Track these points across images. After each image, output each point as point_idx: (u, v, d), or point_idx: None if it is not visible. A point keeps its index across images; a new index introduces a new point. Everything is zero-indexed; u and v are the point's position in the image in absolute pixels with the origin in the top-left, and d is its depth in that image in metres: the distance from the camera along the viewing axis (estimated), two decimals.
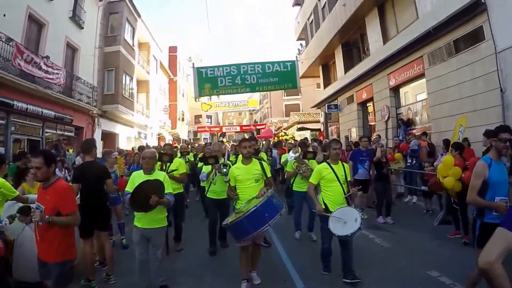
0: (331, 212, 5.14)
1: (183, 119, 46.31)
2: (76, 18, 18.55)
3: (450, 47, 11.67)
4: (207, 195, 7.09)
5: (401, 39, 14.36)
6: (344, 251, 5.23)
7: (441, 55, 12.16)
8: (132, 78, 25.42)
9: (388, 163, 9.86)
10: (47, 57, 15.11)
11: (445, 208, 8.14)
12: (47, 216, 3.56)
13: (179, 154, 10.45)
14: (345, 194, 5.33)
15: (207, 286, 5.44)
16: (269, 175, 5.43)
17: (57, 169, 7.78)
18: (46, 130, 16.48)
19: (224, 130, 40.98)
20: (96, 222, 5.44)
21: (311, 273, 5.60)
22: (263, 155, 8.33)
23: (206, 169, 7.05)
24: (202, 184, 7.62)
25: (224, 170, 6.22)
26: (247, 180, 5.21)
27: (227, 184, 5.70)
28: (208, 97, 13.78)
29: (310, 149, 8.75)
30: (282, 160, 9.59)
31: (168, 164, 7.16)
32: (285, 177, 8.66)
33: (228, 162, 6.70)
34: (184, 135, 46.09)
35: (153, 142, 30.02)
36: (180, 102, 43.96)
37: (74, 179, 5.54)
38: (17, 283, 4.61)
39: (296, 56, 14.08)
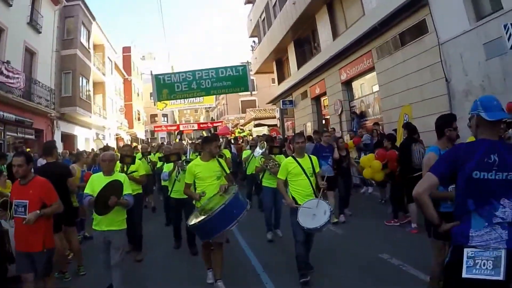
0: (300, 205, 5.03)
1: (139, 119, 46.13)
2: (33, 23, 18.59)
3: (396, 40, 12.43)
4: (171, 195, 7.00)
5: (350, 35, 15.04)
6: (306, 245, 5.17)
7: (388, 49, 12.90)
8: (88, 80, 25.43)
9: (348, 155, 9.65)
10: (8, 62, 15.28)
11: (390, 197, 8.67)
12: (38, 211, 4.04)
13: (140, 155, 10.23)
14: (312, 186, 5.24)
15: (175, 283, 5.49)
16: (228, 171, 5.44)
17: None
18: (7, 133, 16.58)
19: (181, 128, 41.30)
20: (63, 219, 5.49)
21: (280, 271, 5.55)
22: (225, 151, 8.24)
23: (167, 167, 6.93)
24: (163, 183, 7.70)
25: (186, 166, 6.03)
26: (208, 178, 5.12)
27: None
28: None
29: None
30: (244, 156, 9.73)
31: (128, 165, 6.83)
32: (255, 171, 8.49)
33: (190, 159, 6.78)
34: (141, 135, 46.03)
35: (111, 142, 30.16)
36: (135, 102, 43.84)
37: None
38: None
39: (248, 61, 14.88)
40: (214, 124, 41.88)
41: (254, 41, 31.35)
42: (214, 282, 5.04)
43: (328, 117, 19.69)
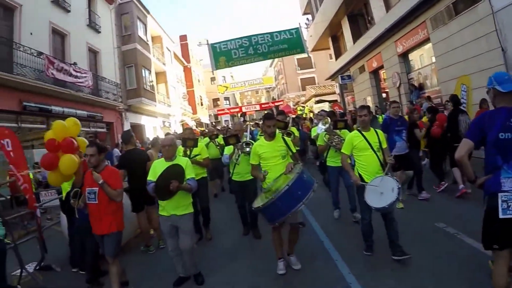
0: (366, 182, 4.74)
1: (202, 104, 47.36)
2: (92, 24, 19.90)
3: (450, 10, 12.01)
4: (232, 178, 6.61)
5: (403, 6, 14.61)
6: (387, 225, 4.80)
7: (442, 19, 12.49)
8: (150, 71, 26.62)
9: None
10: (75, 64, 16.46)
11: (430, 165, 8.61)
12: (101, 181, 4.41)
13: (207, 139, 9.96)
14: (380, 162, 4.88)
15: (242, 271, 5.23)
16: (294, 150, 5.15)
17: None
18: (81, 129, 18.00)
19: (243, 110, 41.86)
20: (146, 199, 6.26)
21: (353, 254, 5.16)
22: (293, 129, 7.63)
23: (228, 150, 6.49)
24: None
25: (247, 149, 5.89)
26: (273, 158, 4.89)
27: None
28: (225, 68, 14.40)
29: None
30: (313, 134, 8.64)
31: (191, 149, 6.66)
32: (318, 151, 7.87)
33: (250, 140, 6.28)
34: (205, 119, 47.30)
35: (177, 129, 31.52)
36: (197, 88, 44.98)
37: (119, 167, 6.25)
38: None
39: (299, 23, 14.65)
40: (276, 104, 41.82)
41: (307, 19, 30.96)
42: (287, 261, 4.93)
43: (387, 90, 19.33)
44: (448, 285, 4.02)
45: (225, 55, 13.34)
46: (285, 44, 13.60)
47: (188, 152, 6.55)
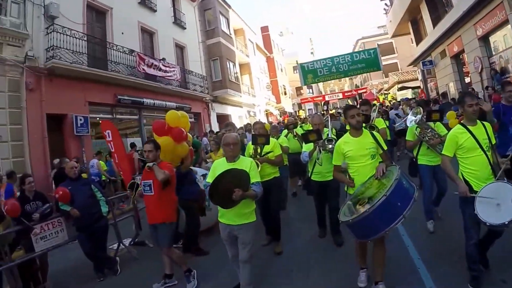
0: (476, 192, 3.65)
1: (285, 93, 47.56)
2: (177, 21, 21.12)
3: None
4: (312, 178, 5.87)
5: None
6: (488, 242, 3.96)
7: None
8: (234, 63, 27.49)
9: None
10: (163, 59, 17.58)
11: None
12: (152, 164, 4.76)
13: (285, 131, 9.22)
14: (491, 165, 3.81)
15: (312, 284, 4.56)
16: (385, 147, 4.25)
17: None
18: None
19: (326, 98, 41.15)
20: None
21: (443, 269, 4.24)
22: (378, 122, 6.61)
23: (307, 147, 5.77)
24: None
25: (330, 146, 5.16)
26: (361, 157, 4.07)
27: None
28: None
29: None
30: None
31: (262, 146, 5.83)
32: (407, 147, 6.37)
33: (333, 136, 5.43)
34: (289, 108, 47.47)
35: (262, 118, 31.97)
36: (280, 77, 45.19)
37: None
38: None
39: (377, 44, 15.85)
40: (359, 91, 40.47)
41: (386, 4, 29.82)
42: (373, 285, 3.97)
43: (469, 75, 18.58)
44: None
45: (312, 73, 15.38)
46: (363, 63, 15.36)
47: (258, 150, 5.80)
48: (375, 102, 25.52)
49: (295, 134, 8.76)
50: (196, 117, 22.24)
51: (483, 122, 4.00)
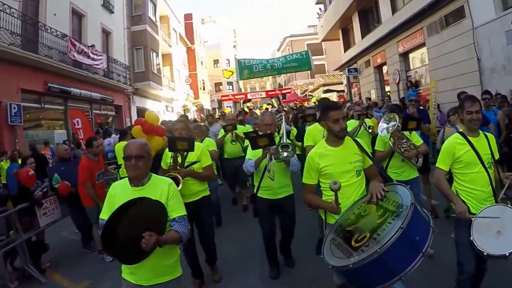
0: (474, 215, 3.49)
1: (204, 88, 48.17)
2: (106, 4, 21.95)
3: (442, 21, 15.10)
4: (258, 195, 5.00)
5: (406, 12, 17.61)
6: (481, 273, 3.74)
7: (436, 28, 15.62)
8: (158, 54, 28.54)
9: None
10: (93, 46, 18.51)
11: None
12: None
13: (223, 131, 8.47)
14: (492, 184, 3.63)
15: None
16: (371, 159, 3.77)
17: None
18: (94, 112, 20.01)
19: (249, 96, 43.29)
20: None
21: None
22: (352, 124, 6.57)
23: (253, 155, 4.88)
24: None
25: (285, 154, 4.52)
26: (343, 174, 3.52)
27: (288, 174, 4.76)
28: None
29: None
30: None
31: (184, 154, 4.95)
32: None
33: (288, 141, 4.77)
34: (207, 105, 48.66)
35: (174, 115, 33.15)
36: (199, 71, 45.77)
37: None
38: None
39: (308, 48, 19.23)
40: (283, 91, 42.95)
41: (320, 9, 33.35)
42: None
43: (388, 85, 22.94)
44: None
45: (248, 69, 17.67)
46: (296, 63, 17.90)
47: (179, 160, 4.90)
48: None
49: (234, 137, 8.14)
50: (117, 110, 23.24)
51: (486, 133, 3.83)
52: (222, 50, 59.10)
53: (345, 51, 29.93)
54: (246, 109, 25.46)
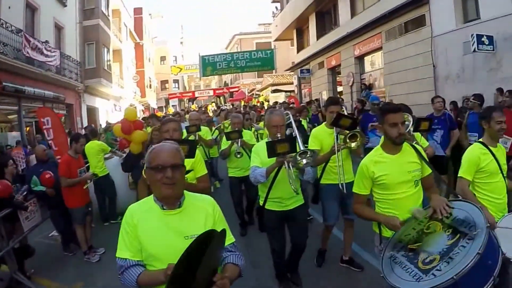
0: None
1: (150, 86, 47.62)
2: None
3: (401, 28, 16.08)
4: (266, 207, 4.57)
5: (366, 16, 18.52)
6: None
7: (394, 33, 16.59)
8: (109, 50, 28.05)
9: None
10: (47, 42, 17.85)
11: None
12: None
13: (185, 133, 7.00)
14: (507, 192, 3.81)
15: None
16: (429, 167, 3.45)
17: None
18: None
19: (196, 94, 43.24)
20: None
21: None
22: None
23: (261, 162, 4.43)
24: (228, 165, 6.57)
25: (304, 161, 4.15)
26: (401, 185, 3.30)
27: (298, 182, 4.47)
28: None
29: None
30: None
31: None
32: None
33: (307, 147, 4.66)
34: (154, 104, 48.00)
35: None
36: (147, 68, 46.09)
37: None
38: None
39: (274, 45, 19.07)
40: (230, 90, 43.23)
41: (276, 7, 33.54)
42: None
43: (341, 87, 23.80)
44: None
45: (211, 65, 18.40)
46: (260, 61, 19.06)
47: None
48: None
49: (239, 147, 6.60)
50: (68, 109, 22.45)
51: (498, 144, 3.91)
52: (169, 46, 58.52)
53: (298, 52, 30.39)
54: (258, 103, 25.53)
